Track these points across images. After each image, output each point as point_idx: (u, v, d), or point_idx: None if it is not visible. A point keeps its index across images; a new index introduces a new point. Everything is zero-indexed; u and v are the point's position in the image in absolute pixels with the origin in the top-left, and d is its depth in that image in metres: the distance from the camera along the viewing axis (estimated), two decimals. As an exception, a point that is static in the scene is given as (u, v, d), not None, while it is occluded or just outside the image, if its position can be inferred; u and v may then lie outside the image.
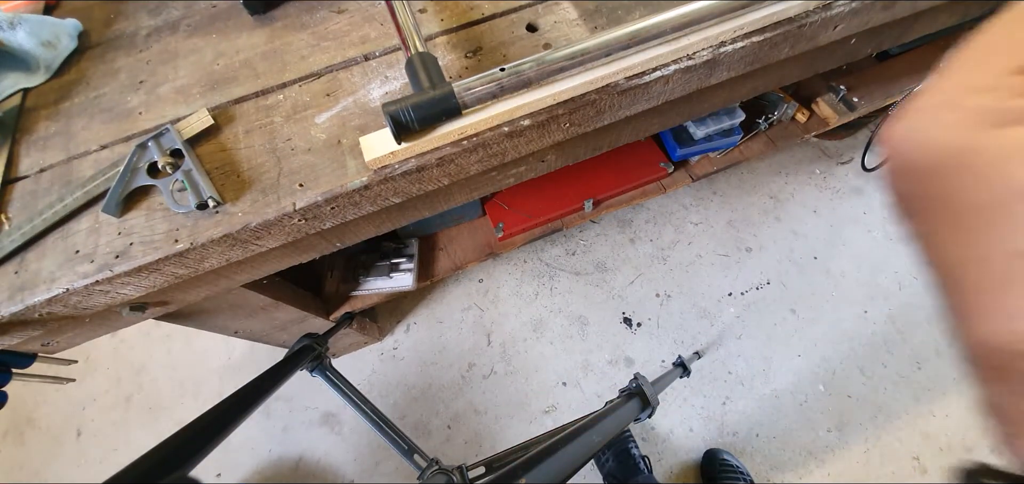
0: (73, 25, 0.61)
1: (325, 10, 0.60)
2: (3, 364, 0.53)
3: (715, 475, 1.09)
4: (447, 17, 0.58)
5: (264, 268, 0.60)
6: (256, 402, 0.68)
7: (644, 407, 0.80)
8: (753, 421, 1.15)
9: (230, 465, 1.19)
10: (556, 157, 0.63)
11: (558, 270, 1.38)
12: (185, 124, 0.51)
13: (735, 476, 1.07)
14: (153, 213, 0.48)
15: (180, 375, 1.31)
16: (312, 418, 1.24)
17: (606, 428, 0.70)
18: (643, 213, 1.44)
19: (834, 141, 1.51)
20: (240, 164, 0.50)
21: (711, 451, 1.13)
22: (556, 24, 0.56)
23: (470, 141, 0.48)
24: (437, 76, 0.46)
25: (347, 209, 0.50)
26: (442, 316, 1.34)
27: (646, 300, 1.32)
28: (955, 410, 1.13)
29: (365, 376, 1.27)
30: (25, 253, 0.47)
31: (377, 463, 1.18)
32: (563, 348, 1.27)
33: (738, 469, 1.09)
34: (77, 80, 0.58)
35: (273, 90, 0.55)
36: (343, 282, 1.07)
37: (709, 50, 0.51)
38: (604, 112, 0.52)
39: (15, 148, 0.54)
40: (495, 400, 1.22)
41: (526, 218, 1.13)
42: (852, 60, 0.70)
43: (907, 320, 1.24)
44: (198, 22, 0.61)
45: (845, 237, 1.36)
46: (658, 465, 1.13)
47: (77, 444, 1.24)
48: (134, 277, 0.47)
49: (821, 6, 0.53)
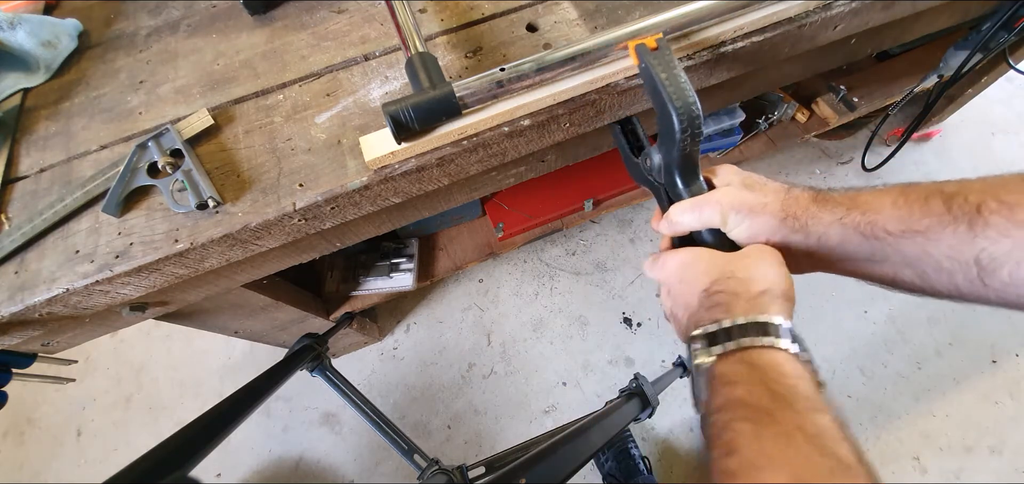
0: (73, 25, 0.61)
1: (325, 10, 0.60)
2: (3, 364, 0.53)
3: None
4: (447, 17, 0.58)
5: (264, 268, 0.60)
6: (256, 402, 0.68)
7: (644, 407, 0.80)
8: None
9: (230, 465, 1.19)
10: (556, 157, 0.63)
11: (558, 270, 1.38)
12: (185, 124, 0.51)
13: None
14: (153, 213, 0.48)
15: (180, 375, 1.31)
16: (312, 418, 1.24)
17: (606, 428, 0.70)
18: (643, 213, 1.44)
19: (834, 141, 1.51)
20: (240, 164, 0.50)
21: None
22: (556, 24, 0.56)
23: (470, 141, 0.48)
24: (437, 76, 0.46)
25: (347, 209, 0.50)
26: (442, 316, 1.34)
27: (646, 300, 1.32)
28: (955, 410, 1.13)
29: (365, 376, 1.27)
30: (25, 253, 0.47)
31: (377, 463, 1.18)
32: (563, 348, 1.27)
33: None
34: (77, 80, 0.58)
35: (273, 90, 0.55)
36: (343, 282, 1.07)
37: (709, 50, 0.51)
38: (604, 112, 0.52)
39: (15, 148, 0.54)
40: (495, 400, 1.22)
41: (526, 218, 1.13)
42: (852, 60, 0.70)
43: (907, 320, 1.24)
44: (198, 22, 0.61)
45: (845, 237, 1.36)
46: (658, 465, 1.13)
47: (77, 444, 1.24)
48: (134, 277, 0.47)
49: (821, 6, 0.53)
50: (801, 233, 0.37)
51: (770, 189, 0.40)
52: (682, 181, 0.43)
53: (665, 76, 0.40)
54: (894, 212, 0.34)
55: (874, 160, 1.12)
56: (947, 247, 0.32)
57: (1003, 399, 1.14)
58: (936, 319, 1.23)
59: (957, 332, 1.21)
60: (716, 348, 0.33)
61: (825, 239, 0.37)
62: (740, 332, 0.32)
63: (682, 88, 0.40)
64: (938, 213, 0.32)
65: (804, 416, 0.28)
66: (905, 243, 0.33)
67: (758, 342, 0.32)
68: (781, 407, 0.28)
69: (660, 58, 0.42)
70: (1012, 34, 0.79)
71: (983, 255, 0.30)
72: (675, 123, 0.39)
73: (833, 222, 0.36)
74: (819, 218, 0.37)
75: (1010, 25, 0.77)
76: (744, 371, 0.31)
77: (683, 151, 0.41)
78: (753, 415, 0.28)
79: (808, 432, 0.27)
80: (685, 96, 0.39)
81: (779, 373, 0.30)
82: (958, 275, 0.32)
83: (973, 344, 1.20)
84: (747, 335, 0.32)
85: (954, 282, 0.32)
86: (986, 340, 1.20)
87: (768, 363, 0.31)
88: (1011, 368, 1.16)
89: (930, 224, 0.32)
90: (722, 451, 0.29)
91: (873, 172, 1.10)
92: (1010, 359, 1.17)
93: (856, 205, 0.36)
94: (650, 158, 0.45)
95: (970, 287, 0.32)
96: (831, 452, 0.26)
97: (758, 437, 0.28)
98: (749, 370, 0.31)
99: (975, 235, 0.30)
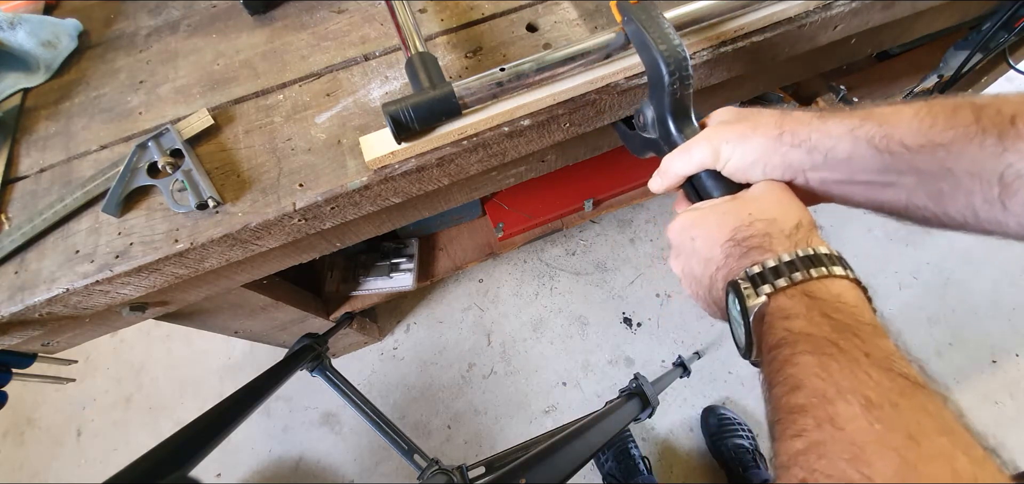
0: (73, 25, 0.61)
1: (325, 10, 0.60)
2: (3, 364, 0.53)
3: (714, 430, 1.11)
4: (447, 17, 0.58)
5: (264, 268, 0.60)
6: (256, 402, 0.68)
7: (644, 407, 0.80)
8: (754, 421, 1.14)
9: (230, 465, 1.19)
10: (556, 157, 0.63)
11: (558, 270, 1.38)
12: (185, 124, 0.51)
13: (735, 426, 1.10)
14: (153, 213, 0.48)
15: (180, 375, 1.31)
16: (312, 418, 1.24)
17: (606, 428, 0.70)
18: (643, 213, 1.44)
19: (834, 141, 1.51)
20: (240, 164, 0.50)
21: (708, 407, 1.16)
22: (556, 24, 0.56)
23: (470, 141, 0.48)
24: (437, 76, 0.46)
25: (347, 209, 0.50)
26: (442, 316, 1.34)
27: (646, 300, 1.32)
28: (955, 410, 1.13)
29: (365, 376, 1.27)
30: (25, 253, 0.47)
31: (377, 463, 1.18)
32: (563, 348, 1.27)
33: (736, 421, 1.12)
34: (77, 80, 0.58)
35: (273, 90, 0.55)
36: (343, 282, 1.07)
37: (709, 50, 0.51)
38: (604, 112, 0.52)
39: (15, 148, 0.54)
40: (495, 400, 1.22)
41: (526, 218, 1.13)
42: (852, 60, 0.70)
43: (907, 320, 1.24)
44: (198, 22, 0.61)
45: (845, 237, 1.36)
46: (658, 465, 1.13)
47: (77, 444, 1.24)
48: (134, 277, 0.47)
49: (821, 6, 0.53)
50: (803, 149, 0.34)
51: (764, 113, 0.37)
52: (676, 127, 0.42)
53: (649, 25, 0.41)
54: (915, 123, 0.31)
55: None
56: (970, 162, 0.29)
57: (1003, 399, 1.14)
58: (936, 319, 1.23)
59: (957, 332, 1.21)
60: (766, 287, 0.31)
61: (833, 154, 0.33)
62: (790, 268, 0.30)
63: (666, 33, 0.40)
64: (965, 124, 0.30)
65: (869, 341, 0.27)
66: (923, 158, 0.31)
67: (813, 274, 0.30)
68: (845, 335, 0.27)
69: (643, 10, 0.42)
70: (1012, 34, 0.79)
71: (1009, 172, 0.28)
72: (663, 69, 0.39)
73: (843, 134, 0.33)
74: (826, 130, 0.34)
75: (1010, 25, 0.77)
76: (802, 305, 0.29)
77: (674, 96, 0.41)
78: (817, 346, 0.27)
79: (875, 357, 0.26)
80: (670, 41, 0.40)
81: (839, 302, 0.29)
82: (977, 195, 0.30)
83: (973, 344, 1.20)
84: (798, 270, 0.30)
85: (971, 204, 0.30)
86: (986, 340, 1.20)
87: (827, 293, 0.29)
88: (1011, 368, 1.16)
89: (955, 137, 0.30)
90: (786, 388, 0.27)
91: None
92: (1010, 359, 1.17)
93: (871, 116, 0.33)
94: (643, 115, 0.45)
95: (988, 211, 0.30)
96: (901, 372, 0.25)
97: (825, 367, 0.26)
98: (808, 303, 0.29)
99: (1005, 149, 0.28)
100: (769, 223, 0.33)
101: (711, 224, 0.36)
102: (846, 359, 0.26)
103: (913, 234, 1.34)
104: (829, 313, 0.28)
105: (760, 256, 0.32)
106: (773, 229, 0.33)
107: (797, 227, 0.33)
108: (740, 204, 0.36)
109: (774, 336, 0.30)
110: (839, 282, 0.30)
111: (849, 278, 0.30)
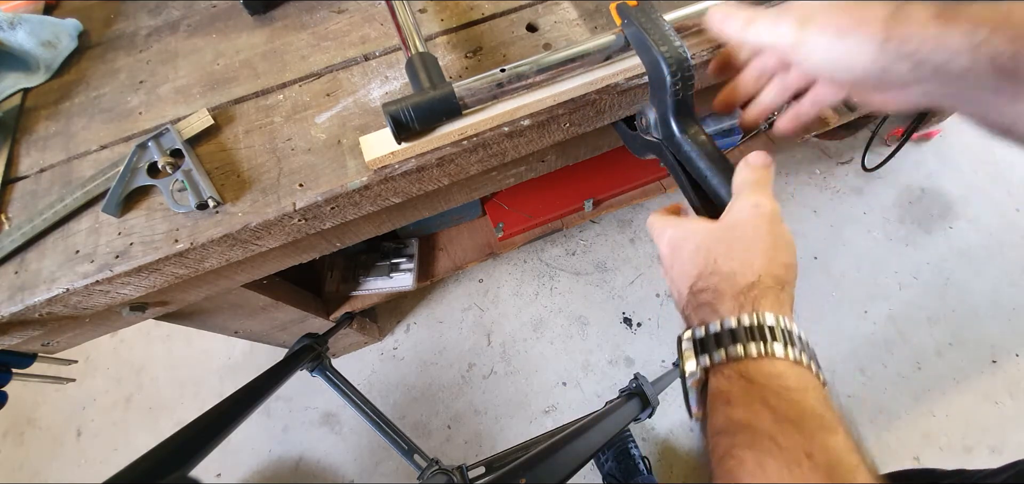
0: (73, 25, 0.61)
1: (325, 10, 0.60)
2: (3, 364, 0.53)
3: None
4: (447, 17, 0.58)
5: (264, 268, 0.60)
6: (256, 402, 0.68)
7: (644, 407, 0.80)
8: (753, 421, 1.15)
9: (230, 465, 1.19)
10: (556, 157, 0.63)
11: (558, 270, 1.38)
12: (185, 124, 0.51)
13: None
14: (153, 213, 0.48)
15: (180, 375, 1.31)
16: (312, 418, 1.24)
17: (606, 428, 0.70)
18: (643, 213, 1.44)
19: (834, 141, 1.51)
20: (240, 164, 0.50)
21: None
22: (556, 24, 0.56)
23: (470, 141, 0.48)
24: (437, 76, 0.46)
25: (347, 209, 0.50)
26: (442, 316, 1.34)
27: (646, 300, 1.32)
28: (955, 410, 1.13)
29: (365, 376, 1.27)
30: (25, 253, 0.47)
31: (377, 463, 1.18)
32: (563, 348, 1.27)
33: None
34: (77, 80, 0.58)
35: (273, 90, 0.55)
36: (343, 282, 1.07)
37: (709, 50, 0.51)
38: (604, 112, 0.52)
39: (15, 148, 0.54)
40: (495, 400, 1.22)
41: (526, 218, 1.13)
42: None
43: (907, 320, 1.24)
44: (198, 22, 0.61)
45: (845, 237, 1.36)
46: (658, 465, 1.13)
47: (77, 444, 1.24)
48: (134, 277, 0.47)
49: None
50: (909, 62, 0.28)
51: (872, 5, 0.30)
52: (679, 128, 0.42)
53: (649, 27, 0.41)
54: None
55: (874, 160, 1.12)
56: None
57: (1003, 399, 1.14)
58: (936, 319, 1.23)
59: (957, 332, 1.21)
60: (704, 358, 0.29)
61: (945, 69, 0.27)
62: (730, 338, 0.28)
63: (667, 34, 0.40)
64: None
65: (813, 439, 0.24)
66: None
67: (753, 350, 0.28)
68: (785, 431, 0.25)
69: (642, 12, 0.42)
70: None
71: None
72: (664, 70, 0.39)
73: (964, 49, 0.26)
74: (944, 43, 0.27)
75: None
76: (740, 389, 0.27)
77: (676, 97, 0.40)
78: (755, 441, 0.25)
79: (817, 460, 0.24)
80: (670, 41, 0.40)
81: (780, 386, 0.27)
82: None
83: (973, 344, 1.20)
84: (737, 342, 0.28)
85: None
86: (986, 340, 1.20)
87: (767, 375, 0.27)
88: (1011, 368, 1.17)
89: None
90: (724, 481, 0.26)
91: (873, 172, 1.10)
92: (1010, 359, 1.17)
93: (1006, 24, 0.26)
94: (646, 117, 0.45)
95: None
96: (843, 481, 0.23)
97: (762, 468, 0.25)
98: (746, 387, 0.27)
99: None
100: (724, 278, 0.31)
101: (685, 258, 0.35)
102: (785, 460, 0.24)
103: (913, 234, 1.34)
104: (769, 400, 0.26)
105: (707, 315, 0.31)
106: (725, 286, 0.31)
107: (750, 286, 0.30)
108: (712, 240, 0.34)
109: (716, 420, 0.28)
110: (779, 363, 0.28)
111: (788, 359, 0.28)
